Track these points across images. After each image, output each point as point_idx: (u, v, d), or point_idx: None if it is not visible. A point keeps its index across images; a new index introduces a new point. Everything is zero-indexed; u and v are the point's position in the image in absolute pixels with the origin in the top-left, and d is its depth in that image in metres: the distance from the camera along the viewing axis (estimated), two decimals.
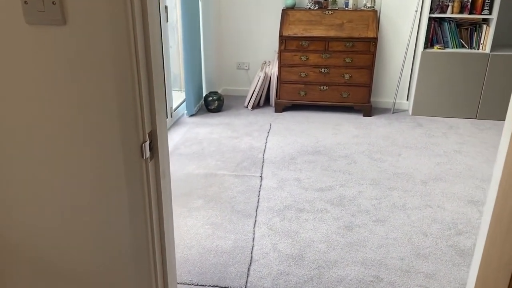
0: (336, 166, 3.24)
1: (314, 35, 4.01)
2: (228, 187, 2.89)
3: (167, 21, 3.71)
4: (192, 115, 4.24)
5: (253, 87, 4.41)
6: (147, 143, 0.99)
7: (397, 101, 4.50)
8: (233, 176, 3.03)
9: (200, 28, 4.29)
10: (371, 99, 4.43)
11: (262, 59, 4.72)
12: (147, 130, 0.99)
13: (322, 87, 4.20)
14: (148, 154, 0.99)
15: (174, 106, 4.12)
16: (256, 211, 2.64)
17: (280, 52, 4.12)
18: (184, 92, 4.15)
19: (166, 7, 3.65)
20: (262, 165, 3.22)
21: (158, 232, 1.12)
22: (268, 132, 3.84)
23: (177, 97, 4.55)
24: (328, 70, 4.13)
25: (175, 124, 4.01)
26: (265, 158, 3.34)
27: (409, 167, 3.24)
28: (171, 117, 3.99)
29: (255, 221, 2.54)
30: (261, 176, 3.05)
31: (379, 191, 2.90)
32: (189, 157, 3.33)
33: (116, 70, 0.92)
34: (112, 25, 0.91)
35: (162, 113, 1.10)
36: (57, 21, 0.92)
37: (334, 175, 3.11)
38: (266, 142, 3.63)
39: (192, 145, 3.54)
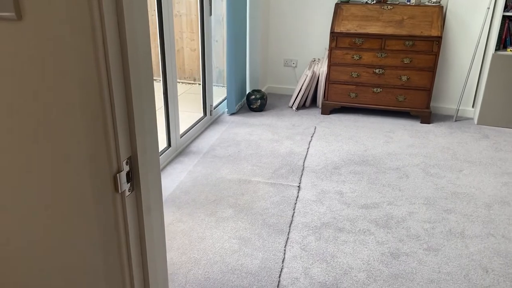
0: (385, 180, 2.89)
1: (370, 32, 3.65)
2: (261, 197, 2.64)
3: (211, 14, 3.51)
4: (232, 114, 4.03)
5: (299, 86, 4.12)
6: (124, 172, 0.76)
7: (460, 107, 4.03)
8: (268, 184, 2.78)
9: (247, 22, 4.06)
10: (431, 105, 3.99)
11: (310, 56, 4.41)
12: (124, 156, 0.75)
13: (375, 89, 3.83)
14: (124, 186, 0.76)
15: (214, 104, 3.93)
16: (290, 226, 2.37)
17: (331, 49, 3.79)
18: (226, 86, 3.94)
19: (210, 0, 3.45)
20: (302, 174, 2.93)
21: (142, 283, 0.89)
22: (311, 136, 3.54)
23: (220, 93, 4.36)
24: (383, 71, 3.75)
25: (214, 123, 3.82)
26: (305, 165, 3.06)
27: (470, 186, 2.82)
28: (210, 115, 3.80)
29: (287, 238, 2.27)
30: (299, 186, 2.77)
31: (433, 213, 2.53)
32: (224, 159, 3.11)
33: (80, 76, 0.69)
34: (74, 19, 0.68)
35: (149, 132, 0.85)
36: (9, 16, 0.69)
37: (382, 190, 2.76)
38: (308, 148, 3.34)
39: (228, 147, 3.32)
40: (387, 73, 3.74)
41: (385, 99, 3.84)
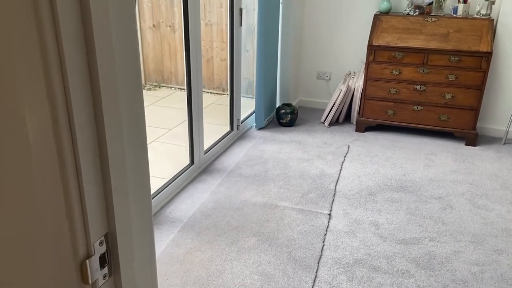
0: (426, 211, 2.60)
1: (411, 45, 3.37)
2: (288, 225, 2.42)
3: (241, 25, 3.34)
4: (260, 128, 3.83)
5: (332, 101, 3.88)
6: (96, 257, 0.56)
7: (510, 129, 3.68)
8: (296, 211, 2.55)
9: (279, 33, 3.86)
10: (477, 125, 3.66)
11: (346, 69, 4.17)
12: (96, 236, 0.55)
13: (415, 107, 3.54)
14: (97, 275, 0.56)
15: (242, 117, 3.75)
16: (318, 262, 2.14)
17: (368, 63, 3.54)
18: (255, 99, 3.74)
19: (241, 10, 3.28)
20: (333, 199, 2.69)
21: None
22: (344, 157, 3.29)
23: (249, 104, 4.17)
24: (425, 88, 3.46)
25: (241, 138, 3.63)
26: (337, 190, 2.81)
27: None
28: (237, 130, 3.61)
29: (315, 277, 2.04)
30: (329, 214, 2.53)
31: (482, 253, 2.24)
32: (250, 180, 2.91)
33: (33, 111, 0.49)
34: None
35: (136, 193, 0.64)
36: None
37: (423, 222, 2.48)
38: (341, 169, 3.09)
39: (255, 165, 3.12)
40: (429, 90, 3.45)
41: (426, 118, 3.54)
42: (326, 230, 2.38)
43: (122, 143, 0.58)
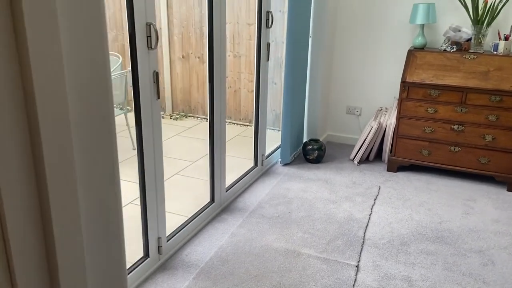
0: (465, 266, 2.36)
1: (448, 83, 3.19)
2: (311, 276, 2.23)
3: (268, 60, 3.25)
4: (286, 164, 3.69)
5: (363, 138, 3.70)
6: None
7: None
8: (321, 260, 2.36)
9: (307, 65, 3.77)
10: None
11: (377, 105, 4.00)
12: None
13: (452, 148, 3.32)
14: None
15: (267, 152, 3.62)
16: None
17: (401, 100, 3.36)
18: (281, 133, 3.61)
19: (268, 45, 3.20)
20: (361, 248, 2.49)
21: None
22: (375, 199, 3.09)
23: (275, 137, 4.05)
24: (462, 128, 3.24)
25: (265, 174, 3.50)
26: (366, 237, 2.61)
27: None
28: (262, 165, 3.48)
29: None
30: (357, 266, 2.33)
31: None
32: (272, 221, 2.75)
33: None
34: None
35: None
36: None
37: (461, 280, 2.24)
38: (370, 213, 2.89)
39: (278, 205, 2.97)
40: (467, 130, 3.23)
41: (464, 160, 3.31)
42: (354, 286, 2.18)
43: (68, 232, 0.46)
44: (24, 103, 0.74)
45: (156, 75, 2.12)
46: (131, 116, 2.71)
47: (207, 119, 5.27)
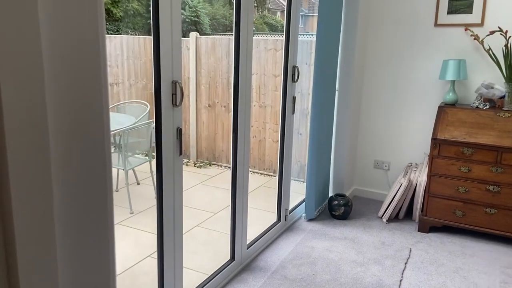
0: None
1: (482, 142, 3.05)
2: None
3: (293, 113, 3.22)
4: (311, 220, 3.55)
5: (392, 195, 3.55)
6: None
7: None
8: None
9: (334, 118, 3.71)
10: None
11: (406, 160, 3.87)
12: None
13: (488, 210, 3.12)
14: None
15: (291, 206, 3.51)
16: None
17: (432, 157, 3.23)
18: (305, 187, 3.50)
19: (294, 98, 3.18)
20: None
21: None
22: (405, 263, 2.90)
23: (300, 189, 3.94)
24: (499, 189, 3.06)
25: (288, 230, 3.36)
26: None
27: None
28: (285, 220, 3.36)
29: None
30: None
31: None
32: (295, 284, 2.60)
33: None
34: None
35: None
36: None
37: None
38: (401, 279, 2.70)
39: (302, 265, 2.81)
40: (504, 192, 3.05)
41: (501, 223, 3.10)
42: None
43: None
44: None
45: (179, 132, 2.10)
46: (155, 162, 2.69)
47: (230, 167, 5.23)
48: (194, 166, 5.24)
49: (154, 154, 2.11)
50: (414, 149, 3.81)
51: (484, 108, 3.21)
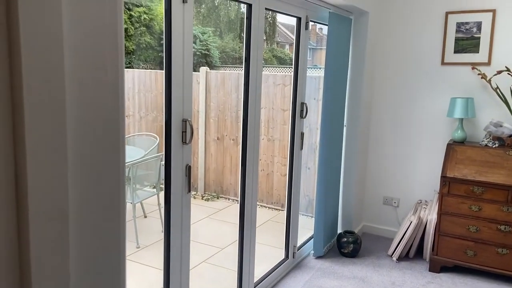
0: None
1: (492, 181, 3.02)
2: None
3: (301, 148, 3.24)
4: (319, 257, 3.50)
5: (401, 232, 3.49)
6: None
7: None
8: None
9: (342, 153, 3.71)
10: None
11: (416, 197, 3.83)
12: None
13: (500, 250, 3.06)
14: None
15: (299, 242, 3.47)
16: None
17: (442, 195, 3.20)
18: (314, 224, 3.47)
19: (302, 134, 3.20)
20: None
21: None
22: None
23: (308, 224, 3.90)
24: (510, 229, 3.01)
25: (296, 267, 3.31)
26: None
27: None
28: (293, 257, 3.31)
29: None
30: None
31: None
32: None
33: None
34: None
35: None
36: None
37: None
38: None
39: None
40: None
41: None
42: None
43: None
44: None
45: (188, 169, 2.11)
46: (163, 194, 2.69)
47: (238, 201, 5.21)
48: (202, 198, 5.24)
49: (162, 186, 2.12)
50: (423, 185, 3.78)
51: (494, 146, 3.20)
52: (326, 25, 3.16)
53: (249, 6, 2.48)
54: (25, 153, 0.76)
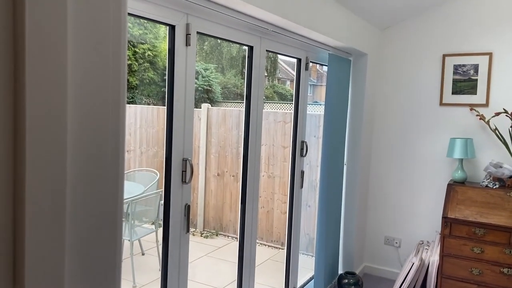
0: None
1: (493, 222, 3.00)
2: None
3: (302, 187, 3.23)
4: None
5: (403, 274, 3.43)
6: None
7: None
8: None
9: (343, 191, 3.70)
10: None
11: (417, 237, 3.78)
12: None
13: None
14: None
15: (299, 283, 3.39)
16: None
17: (444, 237, 3.16)
18: (314, 264, 3.41)
19: (302, 172, 3.20)
20: None
21: None
22: None
23: (308, 264, 3.83)
24: None
25: None
26: None
27: None
28: None
29: None
30: None
31: None
32: None
33: None
34: None
35: None
36: None
37: None
38: None
39: None
40: None
41: None
42: None
43: None
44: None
45: (187, 209, 2.10)
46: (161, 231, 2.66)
47: (238, 238, 5.15)
48: (201, 235, 5.17)
49: (161, 222, 2.11)
50: (424, 226, 3.74)
51: (494, 187, 3.19)
52: (326, 65, 3.23)
53: (251, 48, 2.55)
54: (24, 197, 0.76)
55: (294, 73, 3.17)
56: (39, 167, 0.79)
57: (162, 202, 2.08)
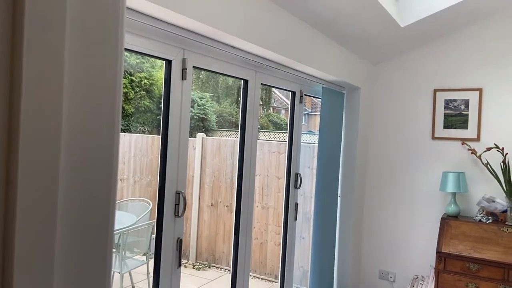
0: None
1: (488, 258, 2.98)
2: None
3: (295, 220, 3.21)
4: None
5: None
6: None
7: None
8: None
9: (336, 224, 3.68)
10: None
11: (412, 272, 3.74)
12: None
13: None
14: None
15: None
16: None
17: (438, 272, 3.13)
18: None
19: (296, 205, 3.19)
20: None
21: None
22: None
23: None
24: None
25: None
26: None
27: None
28: None
29: None
30: None
31: None
32: None
33: None
34: None
35: None
36: None
37: None
38: None
39: None
40: None
41: None
42: None
43: None
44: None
45: (179, 243, 2.08)
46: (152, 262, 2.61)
47: (230, 271, 5.06)
48: (193, 267, 5.08)
49: (153, 253, 2.07)
50: (419, 260, 3.71)
51: (487, 222, 3.19)
52: (320, 98, 3.28)
53: (246, 81, 2.59)
54: (14, 228, 0.75)
55: (289, 102, 3.21)
56: (30, 196, 0.79)
57: (154, 236, 2.06)
